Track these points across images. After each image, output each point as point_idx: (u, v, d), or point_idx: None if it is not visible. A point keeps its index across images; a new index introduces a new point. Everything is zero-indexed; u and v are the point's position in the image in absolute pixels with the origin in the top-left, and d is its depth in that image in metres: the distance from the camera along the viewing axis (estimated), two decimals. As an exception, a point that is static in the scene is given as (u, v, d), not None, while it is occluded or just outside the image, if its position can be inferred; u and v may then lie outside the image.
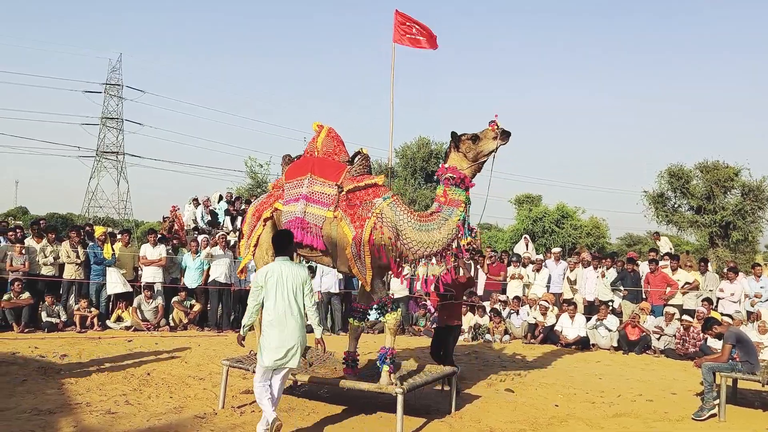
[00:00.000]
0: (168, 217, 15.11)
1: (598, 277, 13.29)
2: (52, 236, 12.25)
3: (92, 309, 11.72)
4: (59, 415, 6.20)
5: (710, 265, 14.52)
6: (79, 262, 11.94)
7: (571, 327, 12.20)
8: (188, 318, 12.35)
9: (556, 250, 15.22)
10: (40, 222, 13.38)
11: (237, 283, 12.57)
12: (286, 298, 5.64)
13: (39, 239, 12.02)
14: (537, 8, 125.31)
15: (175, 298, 12.45)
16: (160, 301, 12.23)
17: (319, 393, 7.54)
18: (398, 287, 12.87)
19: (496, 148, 6.73)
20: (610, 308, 12.61)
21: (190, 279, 12.55)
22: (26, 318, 11.15)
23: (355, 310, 7.21)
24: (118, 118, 66.56)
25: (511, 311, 13.10)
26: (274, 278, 5.67)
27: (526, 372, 9.57)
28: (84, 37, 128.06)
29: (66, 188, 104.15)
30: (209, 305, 12.83)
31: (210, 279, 12.51)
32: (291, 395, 7.50)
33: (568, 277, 13.69)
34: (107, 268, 12.13)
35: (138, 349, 9.98)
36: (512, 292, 13.74)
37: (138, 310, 11.96)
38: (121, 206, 67.06)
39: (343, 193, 6.76)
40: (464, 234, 6.70)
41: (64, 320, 11.53)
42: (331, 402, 7.20)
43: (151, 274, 12.45)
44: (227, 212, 16.02)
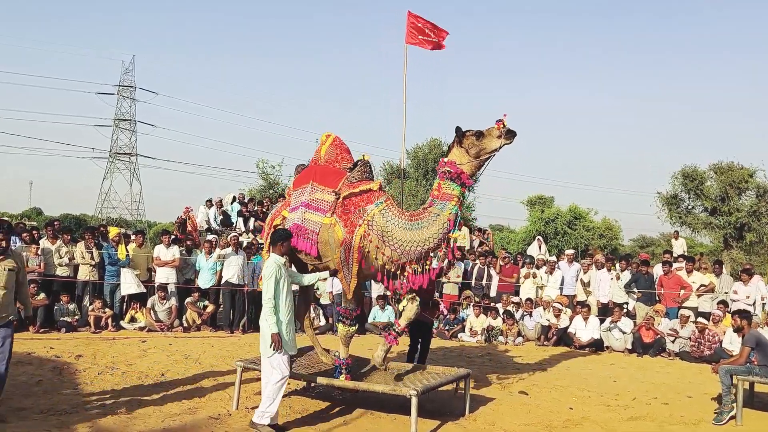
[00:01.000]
0: (180, 216, 15.21)
1: (611, 279, 13.22)
2: (68, 237, 12.35)
3: (106, 310, 11.80)
4: (75, 416, 6.24)
5: (725, 267, 14.40)
6: (94, 263, 12.03)
7: (585, 329, 12.13)
8: (201, 319, 12.39)
9: (569, 251, 15.14)
10: (55, 223, 13.47)
11: (250, 284, 12.59)
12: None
13: (54, 240, 12.12)
14: (546, 7, 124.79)
15: (188, 299, 12.50)
16: (173, 301, 12.28)
17: (333, 394, 7.55)
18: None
19: (500, 147, 6.57)
20: (624, 310, 12.53)
21: (204, 280, 12.60)
22: (41, 318, 11.24)
23: (342, 316, 7.10)
24: (131, 120, 67.04)
25: (525, 313, 13.04)
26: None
27: (540, 374, 9.53)
28: (97, 39, 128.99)
29: (79, 189, 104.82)
30: (221, 306, 12.87)
31: (223, 280, 12.54)
32: (305, 396, 7.52)
33: (581, 279, 13.61)
34: (121, 269, 12.19)
35: (152, 349, 10.03)
36: (525, 293, 13.68)
37: (152, 311, 12.02)
38: (133, 207, 67.55)
39: (340, 199, 6.82)
40: (453, 229, 6.60)
41: (77, 319, 11.61)
42: (344, 403, 7.20)
43: (165, 275, 12.51)
44: (240, 213, 16.09)
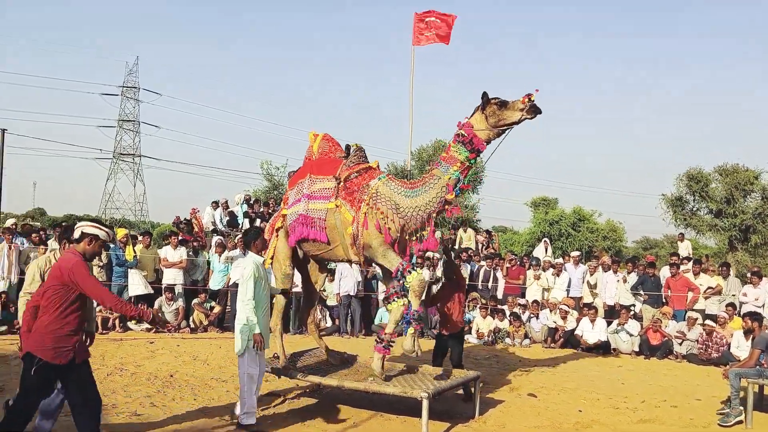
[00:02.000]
0: (177, 216, 15.29)
1: (618, 281, 13.20)
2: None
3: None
4: (86, 417, 6.23)
5: (731, 269, 14.37)
6: (101, 264, 12.05)
7: (592, 331, 12.10)
8: (208, 320, 12.41)
9: (575, 253, 15.13)
10: (63, 224, 13.49)
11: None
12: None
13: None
14: (552, 2, 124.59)
15: (195, 300, 12.52)
16: (180, 303, 12.30)
17: (343, 396, 7.54)
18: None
19: (519, 120, 6.51)
20: (631, 313, 12.52)
21: (215, 281, 12.63)
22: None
23: (389, 295, 6.85)
24: (134, 121, 67.18)
25: (531, 315, 13.02)
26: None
27: (548, 376, 9.52)
28: (101, 40, 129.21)
29: (83, 190, 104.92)
30: (228, 307, 12.88)
31: (230, 281, 12.55)
32: (314, 398, 7.52)
33: (587, 281, 13.60)
34: (129, 270, 12.21)
35: (160, 350, 10.04)
36: (532, 295, 13.67)
37: (159, 312, 12.03)
38: (137, 208, 67.66)
39: (342, 183, 6.96)
40: (453, 191, 6.62)
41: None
42: (354, 405, 7.20)
43: (172, 276, 12.53)
44: (246, 214, 16.10)
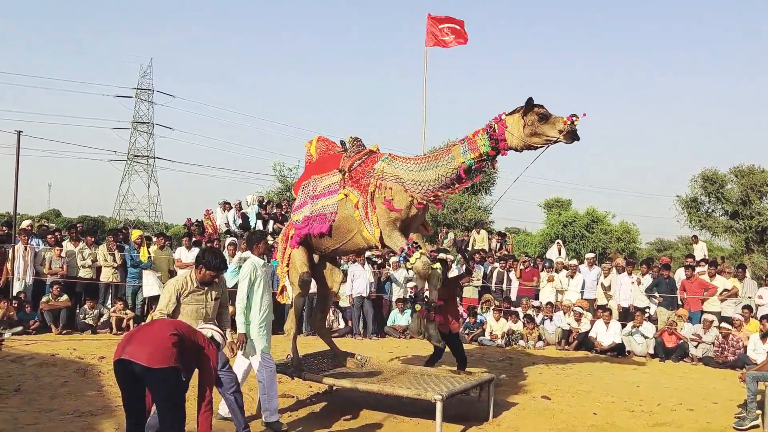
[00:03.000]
0: (189, 219, 15.36)
1: (633, 283, 13.10)
2: (92, 239, 12.45)
3: (128, 311, 11.88)
4: (101, 417, 6.29)
5: (747, 271, 14.23)
6: (116, 265, 12.12)
7: (606, 333, 12.01)
8: (221, 321, 12.42)
9: (589, 255, 15.04)
10: (77, 225, 13.60)
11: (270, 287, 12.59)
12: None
13: (76, 242, 12.23)
14: (565, 5, 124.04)
15: (208, 301, 12.53)
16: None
17: (355, 398, 7.53)
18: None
19: (554, 140, 6.43)
20: (646, 315, 12.42)
21: (227, 282, 12.63)
22: (64, 320, 11.36)
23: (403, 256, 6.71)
24: (148, 123, 67.55)
25: (545, 317, 12.96)
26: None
27: (562, 379, 9.45)
28: (116, 43, 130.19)
29: (98, 191, 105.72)
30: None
31: (241, 282, 12.55)
32: (326, 400, 7.52)
33: (602, 283, 13.51)
34: (143, 270, 12.27)
35: (173, 351, 10.06)
36: (545, 297, 13.60)
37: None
38: (151, 209, 68.01)
39: (346, 173, 7.03)
40: (465, 178, 6.71)
41: (102, 321, 11.71)
42: (367, 407, 7.18)
43: (186, 277, 12.54)
44: (259, 215, 16.11)
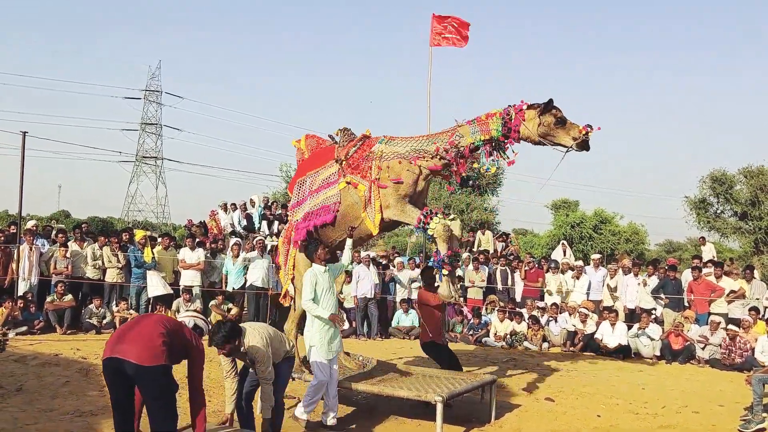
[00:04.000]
0: (190, 220, 15.39)
1: (639, 284, 13.00)
2: (104, 240, 12.47)
3: (132, 311, 11.89)
4: (101, 417, 6.28)
5: (756, 272, 14.11)
6: (120, 266, 12.15)
7: (612, 335, 11.92)
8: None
9: (595, 256, 14.94)
10: (82, 225, 13.64)
11: (274, 288, 12.62)
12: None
13: (81, 243, 12.26)
14: (572, 6, 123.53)
15: (212, 302, 12.54)
16: (198, 304, 12.33)
17: (356, 399, 7.50)
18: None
19: (565, 146, 6.64)
20: (652, 316, 12.32)
21: (231, 282, 12.68)
22: (68, 320, 11.39)
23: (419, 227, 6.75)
24: (157, 124, 67.74)
25: (550, 318, 12.88)
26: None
27: (566, 380, 9.38)
28: (125, 45, 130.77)
29: (106, 192, 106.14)
30: (246, 309, 12.90)
31: (247, 283, 12.57)
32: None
33: (608, 284, 13.42)
34: (148, 271, 12.28)
35: (177, 352, 10.05)
36: (551, 298, 13.52)
37: (176, 314, 12.08)
38: (159, 210, 68.16)
39: (344, 162, 7.09)
40: (468, 157, 6.89)
41: (106, 322, 11.73)
42: (369, 408, 7.16)
43: (190, 278, 12.58)
44: (264, 216, 16.11)
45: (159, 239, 13.65)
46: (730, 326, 11.29)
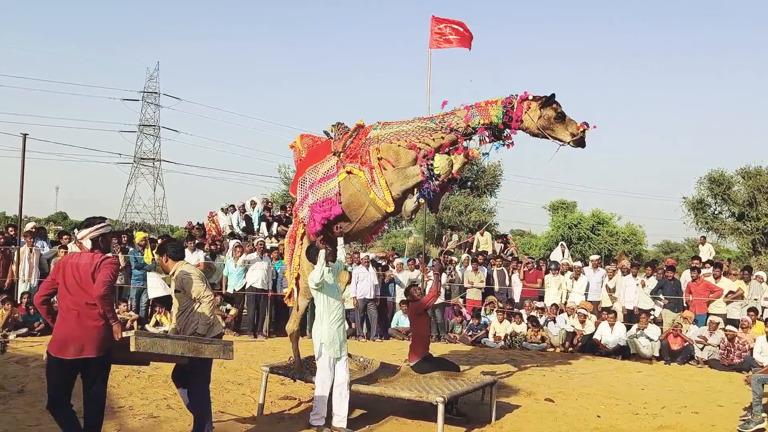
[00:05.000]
0: (190, 222, 15.39)
1: (637, 285, 13.03)
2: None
3: (131, 313, 11.89)
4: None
5: (762, 273, 14.14)
6: (120, 267, 12.13)
7: (611, 336, 11.96)
8: (225, 322, 12.43)
9: (594, 257, 14.98)
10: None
11: (273, 289, 12.63)
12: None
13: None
14: (575, 6, 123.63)
15: (212, 303, 12.54)
16: (197, 305, 12.32)
17: (359, 400, 7.50)
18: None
19: (564, 142, 6.76)
20: (651, 317, 12.35)
21: (231, 283, 12.70)
22: (69, 321, 11.35)
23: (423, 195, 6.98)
24: (155, 125, 67.62)
25: (549, 319, 12.91)
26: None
27: (566, 381, 9.41)
28: (123, 46, 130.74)
29: (104, 194, 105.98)
30: (245, 310, 12.92)
31: (247, 285, 12.58)
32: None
33: (606, 285, 13.44)
34: (148, 272, 12.28)
35: (177, 353, 10.06)
36: (550, 299, 13.55)
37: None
38: (157, 212, 68.03)
39: (342, 153, 7.13)
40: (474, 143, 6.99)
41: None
42: (370, 409, 7.17)
43: (189, 279, 12.56)
44: (263, 218, 16.11)
45: (159, 241, 13.63)
46: (729, 327, 11.34)
